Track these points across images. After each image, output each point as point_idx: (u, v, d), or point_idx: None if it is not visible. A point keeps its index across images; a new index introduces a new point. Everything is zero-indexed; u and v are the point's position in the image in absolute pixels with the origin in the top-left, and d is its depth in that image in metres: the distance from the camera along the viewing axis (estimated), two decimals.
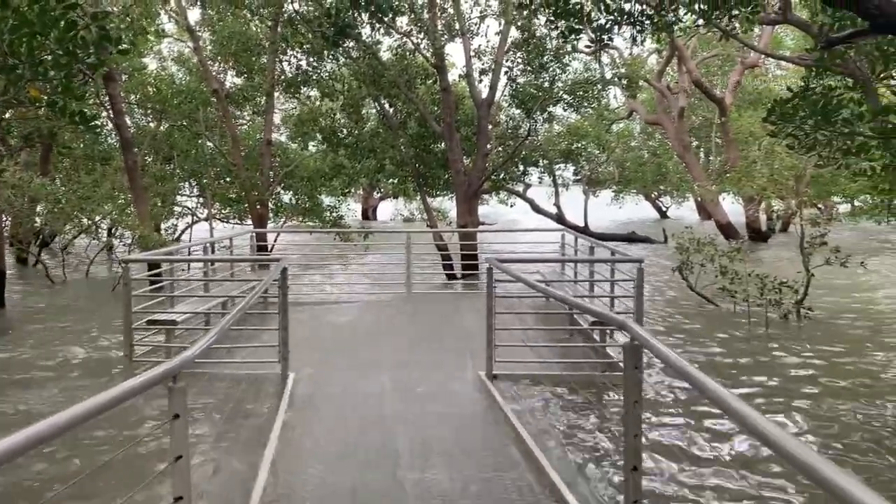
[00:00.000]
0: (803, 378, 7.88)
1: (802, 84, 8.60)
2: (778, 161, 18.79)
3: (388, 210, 47.08)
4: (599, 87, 18.52)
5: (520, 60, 15.96)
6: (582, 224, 25.70)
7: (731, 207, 25.28)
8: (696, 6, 8.18)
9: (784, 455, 1.90)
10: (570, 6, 8.52)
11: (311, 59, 16.54)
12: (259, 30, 18.51)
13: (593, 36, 8.54)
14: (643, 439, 3.83)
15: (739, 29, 9.62)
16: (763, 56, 21.60)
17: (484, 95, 16.10)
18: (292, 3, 14.46)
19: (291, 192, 20.18)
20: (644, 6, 8.58)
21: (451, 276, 15.70)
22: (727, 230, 22.42)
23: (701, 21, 8.29)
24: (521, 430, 5.22)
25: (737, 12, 8.18)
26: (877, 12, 5.07)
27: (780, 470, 5.17)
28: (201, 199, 21.28)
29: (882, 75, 8.46)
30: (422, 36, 15.14)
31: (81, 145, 20.20)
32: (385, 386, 6.39)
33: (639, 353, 3.50)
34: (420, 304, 11.09)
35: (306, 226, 19.79)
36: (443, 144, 16.50)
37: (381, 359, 7.38)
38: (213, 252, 11.08)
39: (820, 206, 30.28)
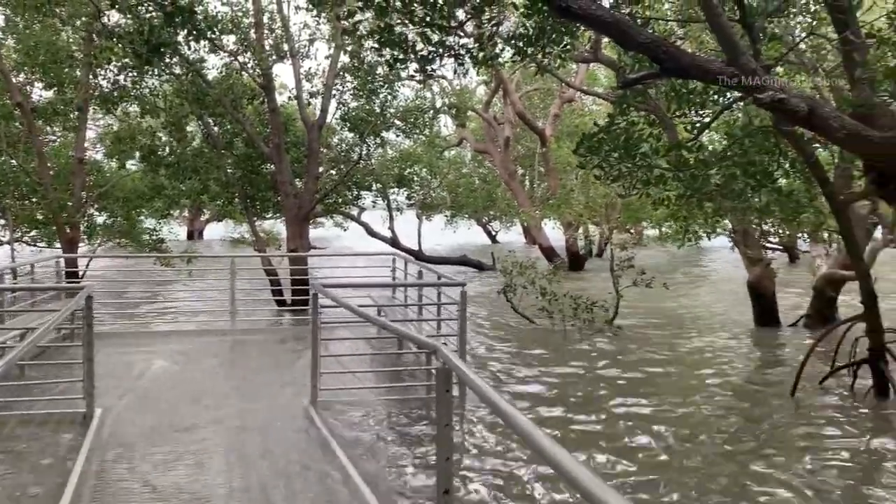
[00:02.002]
0: (605, 378, 8.44)
1: (608, 119, 9.28)
2: (593, 189, 20.17)
3: (218, 231, 45.21)
4: (430, 114, 18.97)
5: (350, 85, 16.01)
6: (416, 248, 26.08)
7: (554, 233, 26.75)
8: (514, 42, 8.64)
9: (571, 482, 1.98)
10: (395, 36, 8.68)
11: (130, 74, 15.60)
12: (73, 40, 17.20)
13: (417, 66, 8.74)
14: (462, 460, 3.90)
15: (554, 65, 10.25)
16: (578, 91, 23.14)
17: (315, 118, 15.97)
18: (106, 14, 13.56)
19: (107, 214, 18.81)
20: (465, 39, 8.94)
21: (281, 303, 15.29)
22: (549, 254, 23.67)
23: (518, 56, 8.74)
24: (343, 457, 5.16)
25: (550, 50, 8.70)
26: (665, 57, 5.59)
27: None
28: (2, 222, 19.30)
29: (677, 113, 9.32)
30: (249, 55, 14.77)
31: None
32: (201, 420, 6.07)
33: (449, 377, 3.56)
34: (245, 333, 10.69)
35: (124, 249, 18.53)
36: (272, 166, 16.13)
37: (199, 392, 7.02)
38: (15, 279, 10.08)
39: (631, 230, 32.85)
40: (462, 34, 8.85)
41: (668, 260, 26.73)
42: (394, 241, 25.09)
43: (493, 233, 41.99)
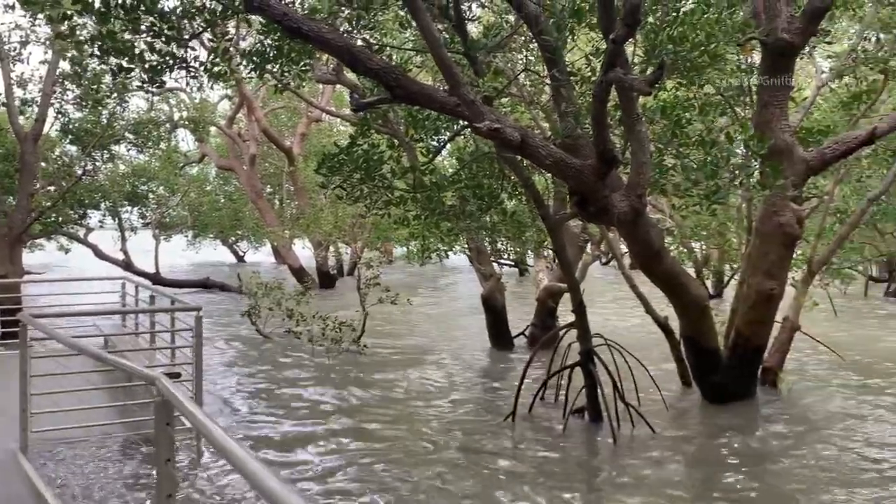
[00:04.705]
0: (348, 401, 8.55)
1: (350, 140, 9.44)
2: (341, 209, 20.36)
3: None
4: (166, 128, 17.91)
5: (72, 94, 14.57)
6: (153, 271, 24.32)
7: (305, 252, 26.56)
8: (252, 59, 8.45)
9: None
10: (119, 43, 8.08)
11: None
12: None
13: (145, 77, 8.21)
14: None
15: (294, 84, 10.22)
16: (323, 112, 23.31)
17: (29, 129, 14.27)
18: None
19: None
20: (200, 52, 8.58)
21: None
22: (299, 274, 23.42)
23: (255, 73, 8.57)
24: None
25: (288, 69, 8.66)
26: (395, 84, 5.83)
27: None
28: None
29: (415, 137, 9.75)
30: None
31: None
32: None
33: (170, 410, 3.36)
34: None
35: None
36: None
37: None
38: None
39: (382, 249, 33.69)
40: (194, 47, 8.49)
41: (416, 278, 27.79)
42: (127, 264, 23.18)
43: (241, 253, 40.61)
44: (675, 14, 7.42)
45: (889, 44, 10.92)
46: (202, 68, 8.68)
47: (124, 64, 8.30)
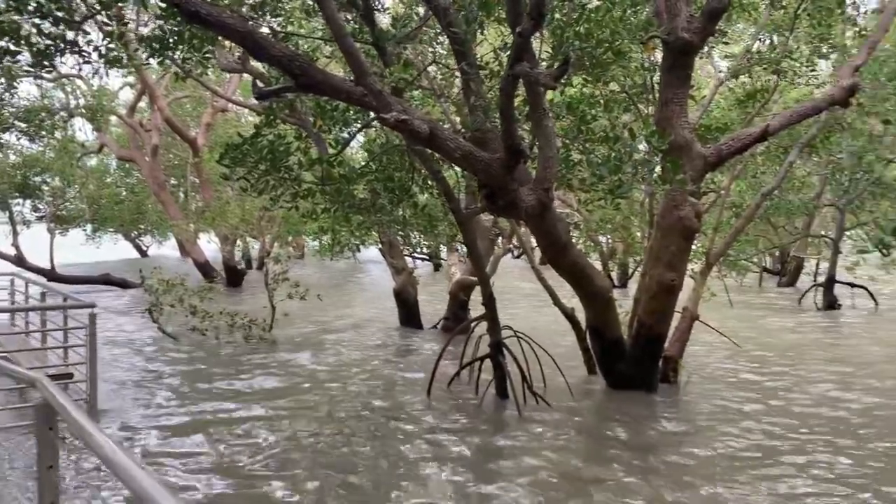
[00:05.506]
0: (256, 390, 8.34)
1: (255, 130, 9.16)
2: (249, 202, 19.83)
3: None
4: (63, 116, 16.97)
5: None
6: (48, 266, 23.03)
7: (212, 246, 25.73)
8: (150, 44, 8.07)
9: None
10: (4, 24, 7.56)
11: None
12: None
13: (33, 60, 7.72)
14: None
15: (196, 71, 9.85)
16: (228, 101, 22.58)
17: None
18: None
19: None
20: (92, 36, 8.13)
21: None
22: (205, 269, 22.67)
23: (154, 59, 8.20)
24: None
25: (189, 56, 8.32)
26: (299, 72, 5.68)
27: None
28: None
29: (322, 128, 9.55)
30: None
31: None
32: None
33: (51, 413, 3.16)
34: None
35: None
36: None
37: None
38: None
39: (293, 244, 33.06)
40: (87, 31, 8.05)
41: (330, 273, 27.43)
42: (19, 259, 21.87)
43: (145, 248, 39.01)
44: (581, 11, 7.55)
45: (781, 45, 11.51)
46: (96, 53, 8.25)
47: (11, 47, 7.80)
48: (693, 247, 10.01)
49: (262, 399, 8.65)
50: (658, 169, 7.95)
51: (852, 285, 18.60)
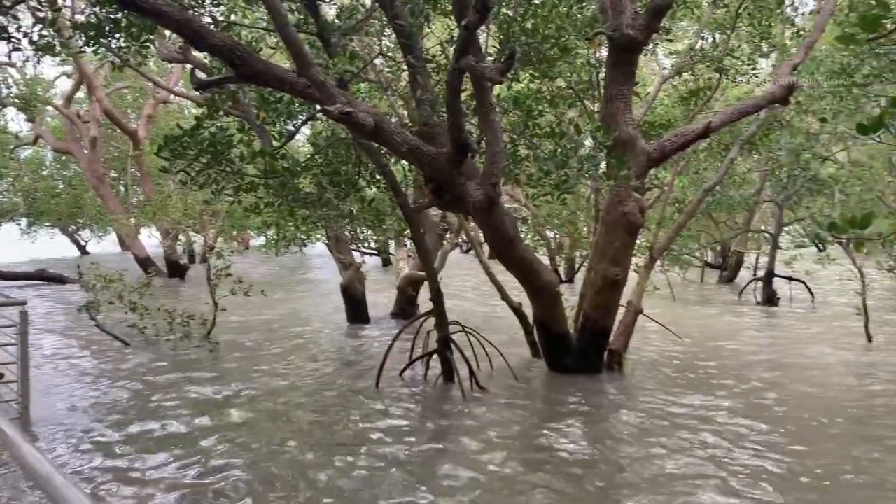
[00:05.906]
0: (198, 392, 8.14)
1: (196, 122, 8.90)
2: (192, 196, 19.37)
3: None
4: None
5: None
6: None
7: (153, 241, 25.07)
8: (85, 31, 7.77)
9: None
10: None
11: None
12: None
13: None
14: None
15: (134, 60, 9.53)
16: (170, 92, 21.99)
17: None
18: None
19: None
20: (22, 21, 7.79)
21: None
22: (145, 264, 22.09)
23: (88, 47, 7.88)
24: None
25: (127, 44, 8.04)
26: (239, 62, 5.53)
27: None
28: None
29: (266, 120, 9.36)
30: None
31: None
32: None
33: None
34: None
35: None
36: None
37: None
38: None
39: (238, 238, 32.46)
40: (17, 16, 7.69)
41: (276, 269, 26.99)
42: None
43: (83, 243, 37.83)
44: (527, 6, 7.55)
45: (723, 44, 11.74)
46: (27, 40, 7.91)
47: None
48: (637, 242, 10.14)
49: (202, 402, 8.43)
50: (603, 164, 8.02)
51: (790, 279, 19.13)
